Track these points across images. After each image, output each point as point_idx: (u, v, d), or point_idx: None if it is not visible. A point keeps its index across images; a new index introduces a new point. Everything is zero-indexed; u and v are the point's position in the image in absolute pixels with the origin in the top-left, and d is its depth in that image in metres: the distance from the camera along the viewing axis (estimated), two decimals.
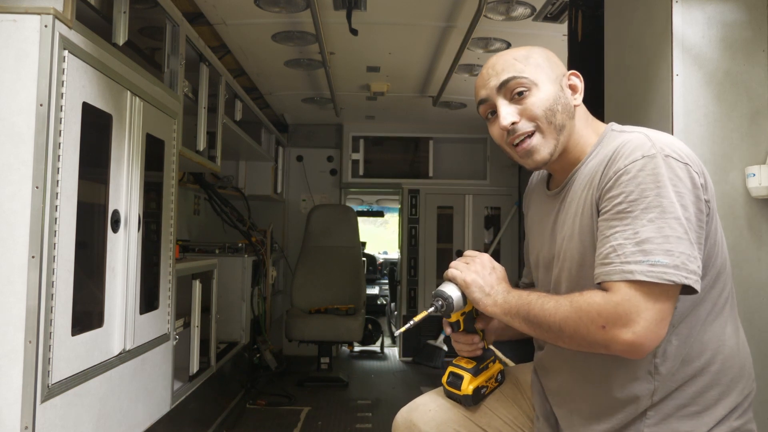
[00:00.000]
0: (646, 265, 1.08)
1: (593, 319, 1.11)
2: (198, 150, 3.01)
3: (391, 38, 3.37)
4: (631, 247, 1.10)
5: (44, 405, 1.63)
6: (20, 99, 1.62)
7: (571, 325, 1.14)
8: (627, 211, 1.13)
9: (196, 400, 2.92)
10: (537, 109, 1.27)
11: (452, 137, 5.75)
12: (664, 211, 1.10)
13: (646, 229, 1.10)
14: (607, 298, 1.11)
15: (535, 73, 1.29)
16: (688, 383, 1.19)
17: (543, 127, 1.28)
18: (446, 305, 1.33)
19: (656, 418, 1.19)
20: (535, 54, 1.32)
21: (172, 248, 2.52)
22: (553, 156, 1.29)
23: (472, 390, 1.41)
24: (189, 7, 2.86)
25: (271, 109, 5.06)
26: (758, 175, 1.76)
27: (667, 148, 1.15)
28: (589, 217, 1.22)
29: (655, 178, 1.12)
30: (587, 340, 1.13)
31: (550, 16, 2.91)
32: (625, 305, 1.09)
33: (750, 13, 1.84)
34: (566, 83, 1.32)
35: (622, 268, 1.10)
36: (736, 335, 1.25)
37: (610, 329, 1.09)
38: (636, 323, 1.08)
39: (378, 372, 5.22)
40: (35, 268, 1.60)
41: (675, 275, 1.08)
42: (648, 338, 1.08)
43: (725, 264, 1.24)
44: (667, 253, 1.08)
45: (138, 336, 2.18)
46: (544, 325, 1.19)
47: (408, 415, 1.49)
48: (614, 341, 1.10)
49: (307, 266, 5.02)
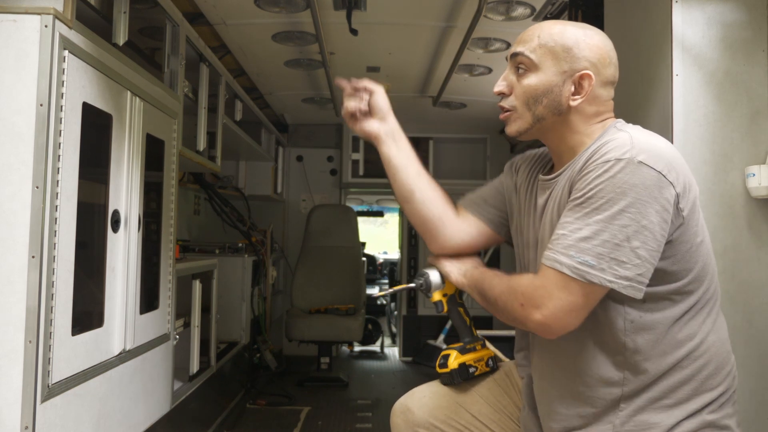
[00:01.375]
0: (575, 261, 1.16)
1: (517, 296, 1.25)
2: (198, 150, 3.01)
3: (391, 38, 3.36)
4: (570, 240, 1.18)
5: (44, 405, 1.63)
6: (20, 99, 1.62)
7: (503, 299, 1.29)
8: (581, 205, 1.18)
9: (196, 400, 2.92)
10: (524, 92, 1.32)
11: (452, 137, 5.75)
12: (611, 216, 1.15)
13: (588, 228, 1.16)
14: (531, 280, 1.23)
15: (544, 57, 1.29)
16: (663, 377, 1.22)
17: (520, 110, 1.33)
18: (425, 281, 1.53)
19: (629, 410, 1.23)
20: (564, 37, 1.29)
21: (172, 248, 2.52)
22: (520, 135, 1.35)
23: (457, 365, 1.51)
24: (189, 7, 2.86)
25: (271, 109, 5.06)
26: (758, 175, 1.76)
27: (642, 154, 1.16)
28: (564, 205, 1.25)
29: (617, 183, 1.15)
30: (511, 315, 1.27)
31: (550, 16, 2.91)
32: (541, 290, 1.20)
33: (750, 13, 1.84)
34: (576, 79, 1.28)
35: (555, 257, 1.19)
36: (717, 333, 1.28)
37: (526, 307, 1.22)
38: (546, 307, 1.19)
39: (378, 372, 5.22)
40: (35, 268, 1.60)
41: (596, 277, 1.15)
42: (555, 323, 1.19)
43: (708, 266, 1.27)
44: (598, 256, 1.15)
45: (138, 336, 2.18)
46: (488, 298, 1.35)
47: (404, 400, 1.58)
48: (528, 318, 1.22)
49: (307, 266, 5.02)
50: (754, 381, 1.78)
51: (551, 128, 1.33)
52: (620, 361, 1.23)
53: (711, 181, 1.82)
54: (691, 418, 1.22)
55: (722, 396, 1.26)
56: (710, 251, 1.29)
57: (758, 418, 1.79)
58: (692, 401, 1.23)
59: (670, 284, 1.22)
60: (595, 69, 1.29)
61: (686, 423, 1.22)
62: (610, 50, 1.32)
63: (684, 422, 1.22)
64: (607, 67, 1.30)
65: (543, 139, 1.39)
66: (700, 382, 1.23)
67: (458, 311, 1.56)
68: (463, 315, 1.56)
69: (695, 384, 1.23)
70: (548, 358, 1.34)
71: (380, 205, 8.39)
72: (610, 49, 1.32)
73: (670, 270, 1.21)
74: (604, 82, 1.31)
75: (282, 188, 5.55)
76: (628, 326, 1.22)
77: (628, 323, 1.22)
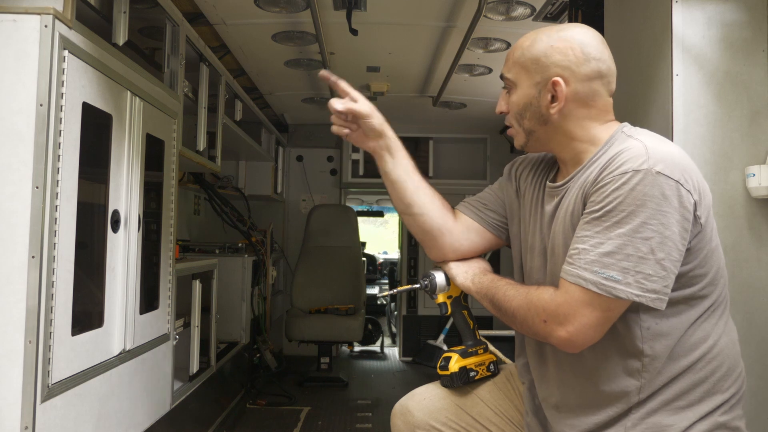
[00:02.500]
0: (601, 277, 1.15)
1: (538, 312, 1.24)
2: (198, 150, 3.00)
3: (391, 38, 3.37)
4: (593, 255, 1.16)
5: (44, 405, 1.63)
6: (20, 99, 1.62)
7: (522, 313, 1.28)
8: (601, 219, 1.17)
9: (196, 400, 2.92)
10: (511, 108, 1.37)
11: (452, 137, 5.75)
12: (633, 230, 1.14)
13: (611, 242, 1.15)
14: (553, 296, 1.22)
15: (518, 74, 1.34)
16: (675, 380, 1.22)
17: (514, 126, 1.38)
18: (430, 283, 1.52)
19: (642, 412, 1.23)
20: (533, 49, 1.31)
21: (172, 248, 2.52)
22: (523, 148, 1.40)
23: (458, 368, 1.50)
24: (189, 7, 2.86)
25: (271, 109, 5.06)
26: (758, 175, 1.76)
27: (659, 164, 1.15)
28: (578, 215, 1.24)
29: (637, 195, 1.14)
30: (532, 330, 1.27)
31: (550, 16, 2.91)
32: (565, 306, 1.19)
33: (750, 13, 1.84)
34: (550, 88, 1.29)
35: (578, 273, 1.18)
36: (727, 335, 1.28)
37: (550, 324, 1.22)
38: (571, 324, 1.19)
39: (378, 372, 5.22)
40: (35, 268, 1.60)
41: (623, 292, 1.15)
42: (580, 339, 1.19)
43: (720, 271, 1.27)
44: (623, 270, 1.14)
45: (138, 336, 2.18)
46: (502, 309, 1.33)
47: (405, 402, 1.57)
48: (551, 335, 1.22)
49: (307, 266, 5.02)
50: (754, 381, 1.78)
51: (548, 139, 1.35)
52: (638, 368, 1.22)
53: (711, 181, 1.82)
54: (704, 420, 1.22)
55: (733, 397, 1.26)
56: (722, 254, 1.29)
57: (759, 418, 1.79)
58: (704, 403, 1.23)
59: (686, 289, 1.22)
60: (569, 71, 1.27)
61: (699, 425, 1.22)
62: (587, 46, 1.28)
63: (697, 424, 1.21)
64: (585, 64, 1.27)
65: (546, 149, 1.41)
66: (713, 384, 1.23)
67: (462, 314, 1.54)
68: (467, 318, 1.55)
69: (708, 386, 1.23)
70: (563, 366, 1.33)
71: (380, 205, 8.39)
72: (588, 44, 1.29)
73: (687, 275, 1.21)
74: (585, 79, 1.28)
75: (282, 188, 5.55)
76: (645, 333, 1.22)
77: (645, 330, 1.22)
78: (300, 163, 5.74)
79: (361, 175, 5.73)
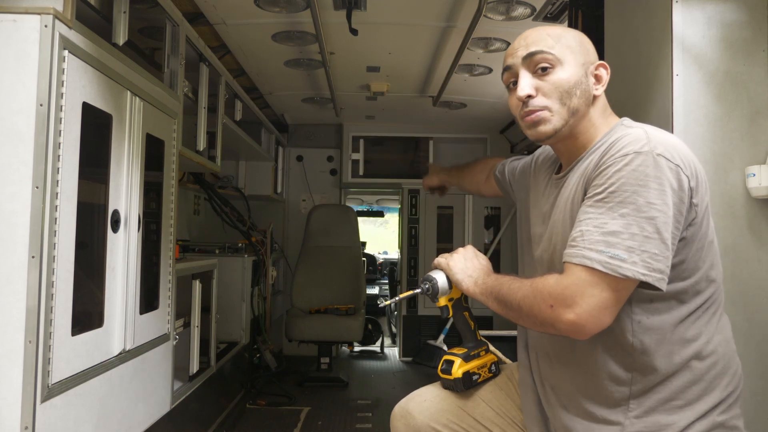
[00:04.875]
0: (606, 256, 1.13)
1: (544, 298, 1.19)
2: (198, 150, 3.01)
3: (391, 38, 3.36)
4: (597, 236, 1.15)
5: (44, 405, 1.63)
6: (20, 99, 1.62)
7: (528, 302, 1.22)
8: (604, 200, 1.17)
9: (196, 400, 2.92)
10: (555, 87, 1.29)
11: (452, 137, 5.75)
12: (638, 209, 1.14)
13: (615, 222, 1.14)
14: (559, 280, 1.18)
15: (564, 52, 1.30)
16: (672, 377, 1.22)
17: (555, 107, 1.30)
18: (431, 287, 1.47)
19: (639, 410, 1.23)
20: (569, 35, 1.34)
21: (172, 248, 2.52)
22: (557, 133, 1.31)
23: (461, 373, 1.48)
24: (189, 7, 2.86)
25: (271, 109, 5.05)
26: (758, 175, 1.76)
27: (660, 147, 1.17)
28: (579, 202, 1.25)
29: (639, 175, 1.15)
30: (539, 318, 1.21)
31: (550, 16, 2.91)
32: (572, 288, 1.15)
33: (750, 13, 1.84)
34: (592, 71, 1.33)
35: (583, 253, 1.16)
36: (721, 333, 1.28)
37: (557, 308, 1.17)
38: (579, 305, 1.14)
39: (378, 372, 5.22)
40: (35, 268, 1.60)
41: (630, 270, 1.12)
42: (589, 321, 1.14)
43: (715, 268, 1.27)
44: (629, 249, 1.13)
45: (138, 336, 2.18)
46: (509, 304, 1.28)
47: (405, 404, 1.56)
48: (559, 320, 1.16)
49: (307, 266, 5.02)
50: (754, 381, 1.78)
51: (580, 123, 1.32)
52: (629, 362, 1.23)
53: (711, 181, 1.81)
54: (703, 419, 1.22)
55: (730, 396, 1.26)
56: (717, 252, 1.29)
57: (758, 418, 1.79)
58: (702, 401, 1.23)
59: (678, 283, 1.21)
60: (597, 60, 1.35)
61: (698, 424, 1.22)
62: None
63: (696, 423, 1.22)
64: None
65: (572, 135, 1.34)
66: (709, 382, 1.24)
67: (463, 315, 1.54)
68: (468, 319, 1.54)
69: (704, 384, 1.23)
70: (557, 359, 1.34)
71: (380, 205, 8.39)
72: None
73: (680, 267, 1.21)
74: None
75: (282, 188, 5.55)
76: (636, 327, 1.22)
77: (636, 324, 1.22)
78: (300, 163, 5.74)
79: (361, 175, 5.74)
